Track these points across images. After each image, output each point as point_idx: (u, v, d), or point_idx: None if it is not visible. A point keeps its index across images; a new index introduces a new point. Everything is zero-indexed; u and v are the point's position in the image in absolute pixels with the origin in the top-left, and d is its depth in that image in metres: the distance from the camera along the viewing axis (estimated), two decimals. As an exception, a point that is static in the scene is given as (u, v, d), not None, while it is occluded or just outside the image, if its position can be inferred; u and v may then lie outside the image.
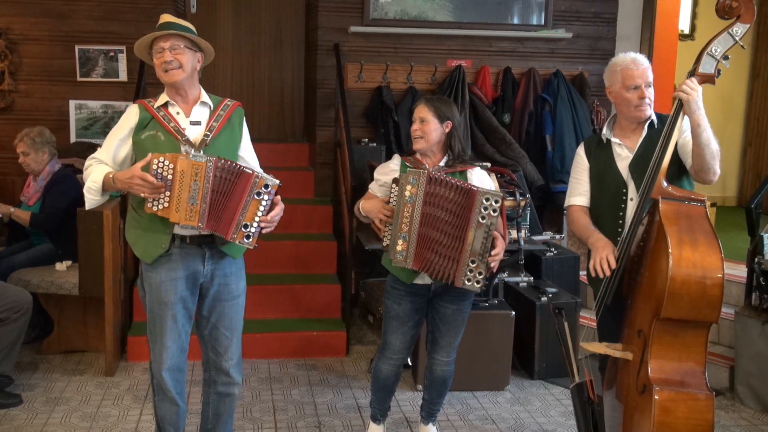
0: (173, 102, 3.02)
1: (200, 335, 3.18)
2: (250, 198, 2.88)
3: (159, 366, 3.06)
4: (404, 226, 3.17)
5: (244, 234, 2.88)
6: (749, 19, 2.88)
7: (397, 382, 3.61)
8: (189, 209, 2.81)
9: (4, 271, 4.62)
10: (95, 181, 2.92)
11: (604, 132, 3.20)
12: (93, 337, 4.75)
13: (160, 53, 2.97)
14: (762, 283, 4.15)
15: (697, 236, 2.75)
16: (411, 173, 3.18)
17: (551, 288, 4.70)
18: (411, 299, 3.39)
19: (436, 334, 3.49)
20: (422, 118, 3.32)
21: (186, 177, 2.81)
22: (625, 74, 3.10)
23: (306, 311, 5.12)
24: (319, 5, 5.80)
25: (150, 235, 2.96)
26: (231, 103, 3.13)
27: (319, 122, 5.92)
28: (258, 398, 4.22)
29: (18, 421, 3.83)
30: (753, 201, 4.35)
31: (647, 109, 3.10)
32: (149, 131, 2.97)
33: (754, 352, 4.14)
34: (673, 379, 2.77)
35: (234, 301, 3.14)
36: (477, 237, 3.12)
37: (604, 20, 6.15)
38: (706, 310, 2.73)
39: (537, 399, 4.31)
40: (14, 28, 5.51)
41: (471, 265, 3.14)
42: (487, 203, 3.11)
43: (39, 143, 4.77)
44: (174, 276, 2.98)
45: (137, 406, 4.03)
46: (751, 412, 4.15)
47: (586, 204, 3.25)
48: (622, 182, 3.11)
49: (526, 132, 5.87)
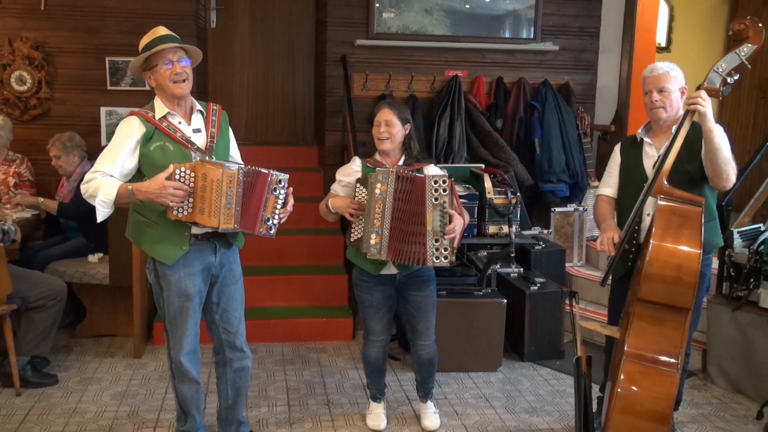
0: (173, 112, 2.95)
1: (211, 320, 3.18)
2: (268, 195, 2.89)
3: (178, 352, 3.08)
4: (376, 222, 3.19)
5: (268, 227, 2.91)
6: (758, 41, 2.91)
7: (386, 361, 3.64)
8: (226, 213, 2.78)
9: (42, 263, 4.64)
10: (108, 195, 2.79)
11: (639, 132, 3.27)
12: (122, 323, 4.77)
13: (168, 65, 2.88)
14: (732, 274, 4.16)
15: (682, 231, 2.78)
16: (380, 173, 3.21)
17: (540, 278, 4.71)
18: (380, 288, 3.41)
19: (413, 322, 3.51)
20: (387, 121, 3.32)
21: (222, 185, 2.76)
22: (644, 81, 3.20)
23: (316, 299, 5.13)
24: (328, 20, 5.80)
25: (169, 239, 2.93)
26: (217, 107, 3.10)
27: (327, 127, 5.93)
28: (272, 378, 4.23)
29: (54, 398, 3.85)
30: (724, 199, 4.35)
31: (661, 112, 3.14)
32: (156, 142, 2.89)
33: (725, 337, 4.15)
34: (647, 355, 2.80)
35: (238, 284, 3.18)
36: (435, 217, 3.18)
37: (587, 34, 6.15)
38: (680, 297, 2.75)
39: (526, 379, 4.32)
40: (50, 42, 5.52)
41: (435, 244, 3.19)
42: (436, 185, 3.18)
43: (69, 147, 4.79)
44: (192, 271, 2.99)
45: (162, 386, 4.05)
46: (722, 391, 4.15)
47: (613, 195, 3.34)
48: (645, 178, 3.15)
49: (517, 136, 5.87)
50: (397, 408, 3.85)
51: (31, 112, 5.52)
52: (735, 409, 3.92)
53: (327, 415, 3.77)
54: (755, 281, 4.02)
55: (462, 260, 4.73)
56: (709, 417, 3.82)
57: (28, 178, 5.15)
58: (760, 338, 3.95)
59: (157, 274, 3.02)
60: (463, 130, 5.72)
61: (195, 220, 2.83)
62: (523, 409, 3.90)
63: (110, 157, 2.87)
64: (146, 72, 2.95)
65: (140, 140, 2.89)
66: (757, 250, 4.01)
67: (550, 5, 6.06)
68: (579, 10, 6.11)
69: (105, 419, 3.63)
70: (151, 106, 2.97)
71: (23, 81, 5.48)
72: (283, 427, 3.61)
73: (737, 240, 4.18)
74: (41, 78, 5.49)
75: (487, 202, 4.30)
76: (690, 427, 3.66)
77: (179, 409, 3.22)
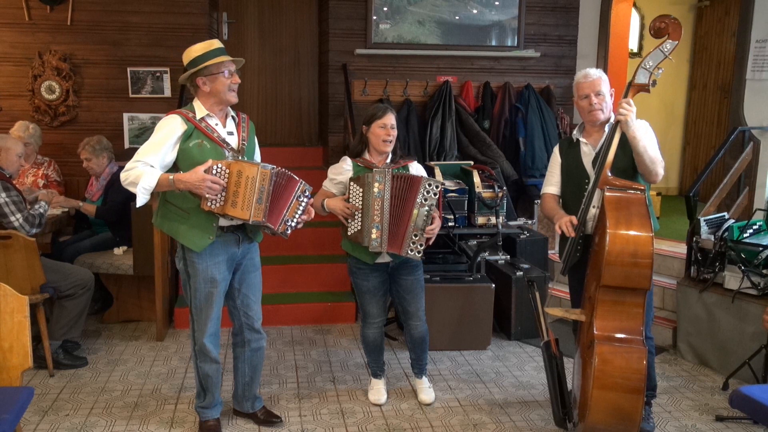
0: (212, 115, 2.96)
1: (233, 305, 3.18)
2: (293, 199, 2.93)
3: (202, 335, 3.07)
4: (376, 218, 3.18)
5: (286, 227, 2.94)
6: (677, 37, 2.89)
7: (383, 341, 3.62)
8: (257, 208, 2.80)
9: (72, 256, 4.62)
10: (150, 183, 2.77)
11: (575, 133, 3.22)
12: (146, 309, 4.76)
13: (229, 75, 2.91)
14: (699, 258, 4.14)
15: (632, 219, 2.78)
16: (377, 173, 3.20)
17: (525, 264, 4.69)
18: (375, 275, 3.40)
19: (404, 304, 3.49)
20: (393, 124, 3.31)
21: (257, 182, 2.77)
22: (578, 87, 3.14)
23: (322, 285, 5.11)
24: (330, 32, 5.77)
25: (198, 228, 2.92)
26: (245, 116, 3.13)
27: (330, 129, 5.90)
28: (282, 358, 4.22)
29: (84, 378, 3.84)
30: (691, 190, 4.33)
31: (598, 114, 3.09)
32: (194, 140, 2.89)
33: (693, 316, 4.14)
34: (614, 336, 2.80)
35: (257, 271, 3.20)
36: (420, 214, 3.17)
37: (566, 41, 6.12)
38: (638, 279, 2.76)
39: (513, 356, 4.30)
40: (77, 54, 5.49)
41: (414, 238, 3.19)
42: (429, 188, 3.18)
43: (98, 150, 4.75)
44: (217, 260, 2.99)
45: (183, 366, 4.04)
46: (690, 365, 4.14)
47: (557, 193, 3.28)
48: (585, 174, 3.12)
49: (503, 135, 5.85)
50: (396, 384, 3.84)
51: (60, 118, 5.50)
52: (702, 381, 3.91)
53: (333, 390, 3.76)
54: (720, 265, 4.00)
55: (454, 249, 4.71)
56: (679, 389, 3.81)
57: (55, 178, 5.14)
58: (725, 317, 3.94)
59: (186, 261, 3.01)
60: (453, 130, 5.70)
61: (226, 212, 2.82)
62: (510, 383, 3.89)
63: (153, 149, 2.85)
64: (200, 78, 2.92)
65: (181, 137, 2.89)
66: (721, 236, 3.99)
67: (532, 16, 6.03)
68: (558, 20, 6.08)
69: (131, 397, 3.62)
70: (190, 108, 2.97)
71: (53, 90, 5.45)
72: (292, 402, 3.60)
73: (704, 227, 4.16)
74: (69, 87, 5.46)
75: (476, 196, 4.29)
76: (662, 398, 3.64)
77: (199, 387, 3.21)
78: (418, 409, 3.55)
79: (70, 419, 3.35)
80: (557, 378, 3.12)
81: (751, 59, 4.96)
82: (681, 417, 3.47)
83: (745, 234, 3.99)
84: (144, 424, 3.32)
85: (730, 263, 3.94)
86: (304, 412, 3.48)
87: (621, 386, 2.71)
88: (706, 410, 3.54)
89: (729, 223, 4.12)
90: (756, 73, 4.95)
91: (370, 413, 3.49)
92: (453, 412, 3.52)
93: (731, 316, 3.90)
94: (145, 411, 3.46)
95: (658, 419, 3.41)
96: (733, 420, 3.40)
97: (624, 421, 2.75)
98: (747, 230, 4.02)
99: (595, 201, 3.01)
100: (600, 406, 2.73)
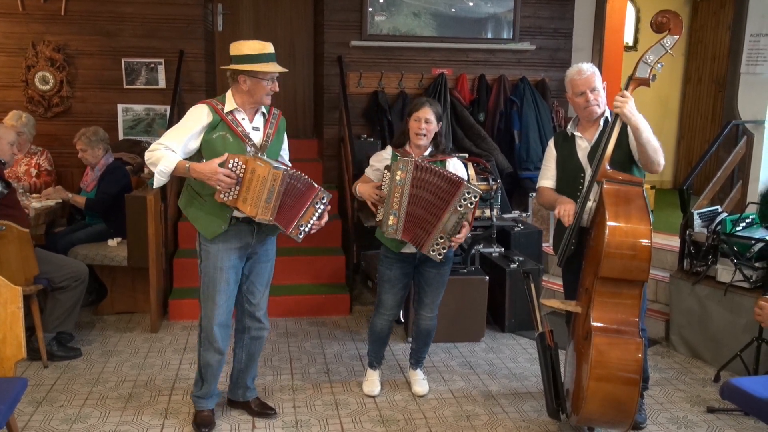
0: (240, 109, 2.97)
1: (238, 292, 3.18)
2: (310, 206, 2.94)
3: (210, 322, 3.07)
4: (395, 204, 3.17)
5: (299, 231, 2.95)
6: (678, 31, 2.89)
7: (389, 334, 3.62)
8: (265, 206, 2.82)
9: (65, 247, 4.61)
10: (168, 167, 2.81)
11: (569, 127, 3.21)
12: (140, 301, 4.75)
13: (271, 82, 2.95)
14: (692, 251, 4.15)
15: (631, 211, 2.78)
16: (401, 161, 3.18)
17: (519, 257, 4.70)
18: (400, 265, 3.39)
19: (422, 294, 3.50)
20: (428, 119, 3.26)
21: (267, 181, 2.80)
22: (573, 83, 3.12)
23: (316, 278, 5.11)
24: (325, 23, 5.75)
25: (212, 217, 2.96)
26: (278, 113, 3.14)
27: (326, 121, 5.89)
28: (277, 350, 4.22)
29: (78, 370, 3.84)
30: (685, 184, 4.34)
31: (595, 109, 3.09)
32: (219, 132, 2.92)
33: (685, 308, 4.16)
34: (611, 327, 2.81)
35: (269, 262, 3.21)
36: (451, 219, 3.14)
37: (561, 34, 6.12)
38: (636, 271, 2.76)
39: (507, 348, 4.32)
40: (71, 45, 5.46)
41: (439, 240, 3.17)
42: (468, 195, 3.12)
43: (94, 141, 4.73)
44: (229, 247, 3.01)
45: (177, 357, 4.04)
46: (683, 357, 4.16)
47: (552, 186, 3.27)
48: (580, 167, 3.12)
49: (498, 128, 5.85)
50: (390, 376, 3.85)
51: (54, 109, 5.48)
52: (695, 373, 3.93)
53: (327, 382, 3.77)
54: (713, 258, 4.01)
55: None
56: (671, 380, 3.83)
57: (46, 168, 5.15)
58: (717, 309, 3.96)
59: (201, 246, 3.05)
60: (448, 122, 5.69)
61: (237, 206, 2.86)
62: (504, 375, 3.90)
63: (178, 135, 2.90)
64: (243, 76, 2.91)
65: (206, 127, 2.92)
66: (714, 229, 4.00)
67: (528, 8, 6.02)
68: (554, 13, 6.07)
69: (125, 388, 3.62)
70: (222, 99, 2.99)
71: (46, 81, 5.43)
72: (286, 393, 3.60)
73: (697, 220, 4.17)
74: (63, 78, 5.44)
75: (471, 189, 4.28)
76: (655, 390, 3.67)
77: (198, 375, 3.22)
78: (412, 400, 3.56)
79: (64, 410, 3.35)
80: (551, 369, 3.13)
81: (746, 53, 4.96)
82: (673, 408, 3.49)
83: (738, 227, 4.01)
84: (138, 415, 3.32)
85: (723, 256, 3.96)
86: (298, 404, 3.49)
87: (617, 377, 2.73)
88: (698, 402, 3.56)
89: (722, 216, 4.13)
90: (750, 67, 4.95)
91: (364, 404, 3.50)
92: (446, 403, 3.53)
93: (723, 309, 3.92)
94: (140, 402, 3.46)
95: (650, 411, 3.43)
96: (724, 411, 3.43)
97: (620, 412, 2.77)
98: (740, 223, 4.03)
99: (592, 194, 3.01)
100: (596, 396, 2.74)
